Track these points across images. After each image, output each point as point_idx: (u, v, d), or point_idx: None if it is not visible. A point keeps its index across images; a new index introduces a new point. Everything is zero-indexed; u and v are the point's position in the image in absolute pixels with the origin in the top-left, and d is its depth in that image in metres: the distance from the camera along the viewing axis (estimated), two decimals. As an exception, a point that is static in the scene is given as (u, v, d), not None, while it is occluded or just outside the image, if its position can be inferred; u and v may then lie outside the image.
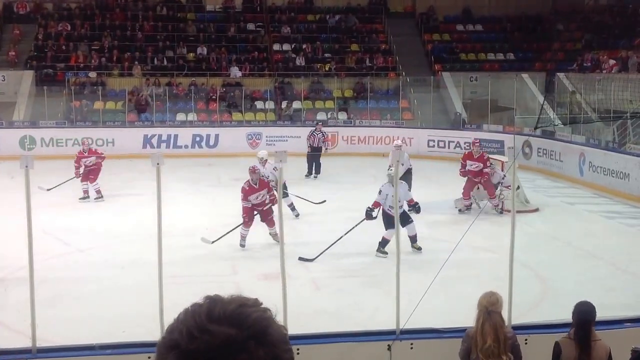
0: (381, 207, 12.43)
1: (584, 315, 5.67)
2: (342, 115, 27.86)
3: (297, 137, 25.74)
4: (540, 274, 11.26)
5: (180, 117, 27.44)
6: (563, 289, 10.47)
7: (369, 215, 12.45)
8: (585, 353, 5.52)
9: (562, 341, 5.69)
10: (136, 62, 28.96)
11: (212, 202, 16.56)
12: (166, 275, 6.95)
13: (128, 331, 8.26)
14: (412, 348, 6.86)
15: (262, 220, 12.97)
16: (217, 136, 25.85)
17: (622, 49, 25.41)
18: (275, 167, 13.29)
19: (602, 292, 9.70)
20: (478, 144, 16.14)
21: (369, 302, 9.95)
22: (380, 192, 12.48)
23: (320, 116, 27.92)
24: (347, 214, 13.76)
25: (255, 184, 12.88)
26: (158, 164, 6.60)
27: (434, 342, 6.95)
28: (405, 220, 12.18)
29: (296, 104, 28.09)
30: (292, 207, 14.87)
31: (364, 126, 26.77)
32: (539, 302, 9.93)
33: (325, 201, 15.75)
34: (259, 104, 28.23)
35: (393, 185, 11.73)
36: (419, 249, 12.42)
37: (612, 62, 24.28)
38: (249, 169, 13.18)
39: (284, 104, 28.05)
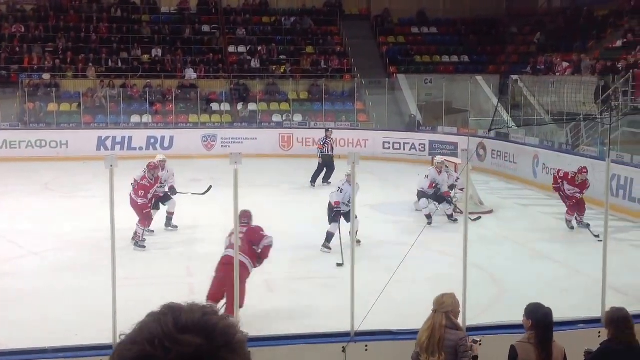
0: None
1: (546, 318, 5.64)
2: (298, 117, 27.82)
3: (253, 139, 25.70)
4: (494, 275, 11.32)
5: (135, 118, 27.14)
6: (517, 291, 10.52)
7: (337, 214, 12.77)
8: (547, 355, 5.51)
9: (518, 345, 5.65)
10: (90, 64, 28.53)
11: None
12: (119, 277, 6.83)
13: (80, 334, 8.12)
14: (366, 350, 6.81)
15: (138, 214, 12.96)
16: (172, 138, 25.59)
17: (575, 52, 25.82)
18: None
19: (556, 294, 9.78)
20: (586, 172, 14.42)
21: (324, 304, 9.88)
22: (341, 190, 12.85)
23: (276, 118, 27.88)
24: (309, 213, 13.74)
25: (152, 181, 13.03)
26: (112, 165, 6.49)
27: (389, 344, 6.91)
28: (349, 218, 12.42)
29: (252, 106, 27.97)
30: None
31: (319, 128, 26.72)
32: (493, 303, 9.97)
33: (211, 187, 15.41)
34: (214, 106, 28.06)
35: (351, 185, 12.37)
36: (359, 242, 12.49)
37: (565, 64, 24.64)
38: (150, 165, 13.30)
39: (239, 106, 27.91)
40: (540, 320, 5.60)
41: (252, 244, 9.14)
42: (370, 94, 28.48)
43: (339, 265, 11.66)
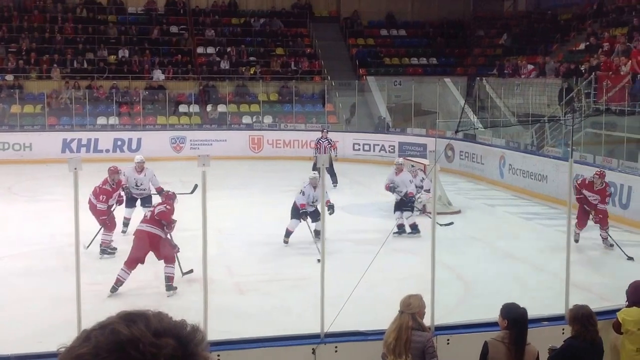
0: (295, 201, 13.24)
1: (521, 318, 5.72)
2: (268, 119, 27.81)
3: (222, 141, 25.64)
4: (462, 275, 11.45)
5: (101, 120, 26.89)
6: (484, 290, 10.68)
7: (304, 215, 13.13)
8: (519, 356, 5.60)
9: (490, 342, 5.72)
10: (55, 65, 28.19)
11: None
12: (84, 282, 6.76)
13: (44, 341, 8.01)
14: (336, 351, 6.85)
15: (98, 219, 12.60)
16: (139, 140, 25.40)
17: (539, 55, 26.19)
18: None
19: (522, 292, 9.93)
20: (604, 175, 13.42)
21: (294, 306, 9.92)
22: (303, 193, 13.21)
23: (246, 120, 27.85)
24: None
25: (114, 185, 12.64)
26: (75, 168, 6.41)
27: (359, 345, 6.97)
28: (316, 216, 13.07)
29: (221, 108, 27.89)
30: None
31: (289, 130, 26.78)
32: (461, 302, 10.10)
33: (197, 185, 15.32)
34: (182, 108, 27.91)
35: (313, 187, 13.09)
36: (318, 234, 12.93)
37: (530, 67, 24.98)
38: (110, 169, 12.86)
39: (209, 108, 27.82)
40: (515, 321, 5.67)
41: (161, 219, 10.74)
42: (340, 96, 28.59)
43: (319, 261, 11.78)
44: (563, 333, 6.52)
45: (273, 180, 20.38)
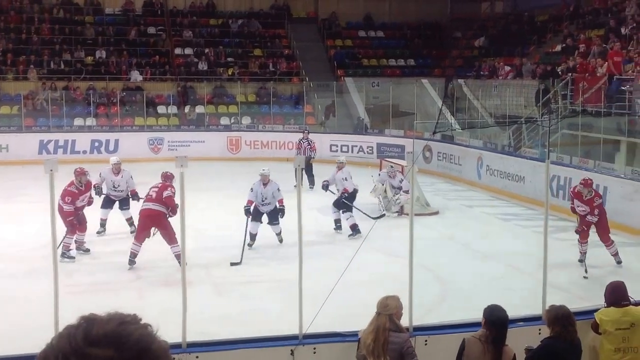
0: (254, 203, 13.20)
1: (502, 320, 5.76)
2: (246, 120, 27.75)
3: (200, 142, 25.56)
4: (440, 275, 11.50)
5: (78, 121, 26.71)
6: (462, 290, 10.74)
7: (247, 213, 13.05)
8: (496, 356, 5.63)
9: (468, 339, 5.76)
10: (32, 66, 27.97)
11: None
12: (63, 284, 6.70)
13: (21, 343, 7.92)
14: (315, 352, 6.84)
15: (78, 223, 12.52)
16: (117, 141, 25.27)
17: (517, 56, 26.38)
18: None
19: (500, 292, 9.97)
20: (590, 183, 12.36)
21: (272, 307, 9.91)
22: (251, 189, 13.27)
23: (224, 121, 27.77)
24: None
25: (82, 187, 12.49)
26: (52, 170, 6.34)
27: (337, 346, 6.96)
28: (273, 219, 13.15)
29: (199, 109, 27.80)
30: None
31: (267, 131, 26.73)
32: (439, 303, 10.13)
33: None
34: (160, 109, 27.77)
35: (262, 184, 13.07)
36: (281, 241, 13.23)
37: (507, 68, 25.15)
38: (77, 171, 12.65)
39: (186, 109, 27.71)
40: (493, 322, 5.72)
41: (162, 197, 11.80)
42: (319, 97, 28.61)
43: (233, 264, 11.95)
44: (540, 333, 6.56)
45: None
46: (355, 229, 14.10)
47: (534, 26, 28.95)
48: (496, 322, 5.69)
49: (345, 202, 14.45)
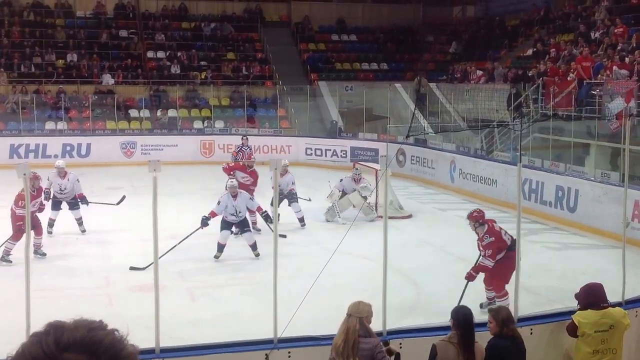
0: (220, 215, 12.98)
1: (468, 318, 5.86)
2: (219, 124, 27.66)
3: (173, 146, 25.43)
4: (414, 279, 11.54)
5: (50, 125, 26.43)
6: (436, 294, 10.78)
7: (203, 223, 12.81)
8: (470, 354, 5.70)
9: (439, 344, 5.83)
10: (2, 69, 27.64)
11: (84, 212, 16.00)
12: (34, 288, 6.61)
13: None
14: (289, 356, 6.83)
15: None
16: (89, 145, 25.05)
17: (488, 60, 26.60)
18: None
19: (474, 295, 10.03)
20: (475, 216, 10.57)
21: (247, 312, 9.88)
22: (219, 202, 12.97)
23: (197, 124, 27.65)
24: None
25: (34, 192, 12.36)
26: (25, 174, 6.29)
27: (312, 350, 6.95)
28: (242, 227, 13.00)
29: (172, 112, 27.66)
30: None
31: (240, 134, 26.59)
32: (413, 306, 10.17)
33: (124, 197, 15.32)
34: (133, 112, 27.58)
35: (232, 196, 12.81)
36: (257, 255, 12.86)
37: (479, 72, 25.34)
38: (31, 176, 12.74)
39: (159, 112, 27.56)
40: (460, 321, 5.82)
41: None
42: (292, 101, 28.60)
43: (133, 268, 11.76)
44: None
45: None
46: (302, 220, 15.42)
47: (505, 30, 29.22)
48: (461, 321, 5.80)
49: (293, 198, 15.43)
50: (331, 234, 14.12)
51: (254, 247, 12.87)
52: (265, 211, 13.32)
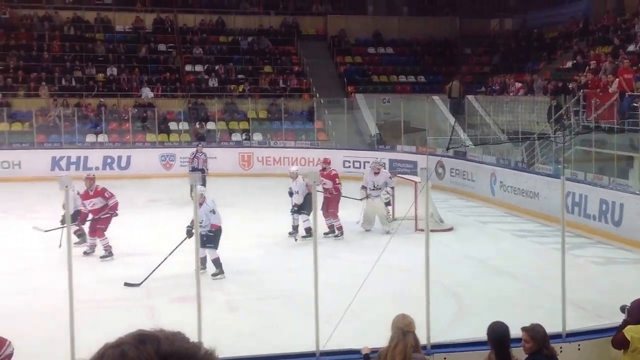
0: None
1: (500, 335, 5.72)
2: (257, 136, 27.77)
3: (212, 158, 25.52)
4: (456, 292, 11.38)
5: (90, 138, 26.79)
6: (478, 307, 10.61)
7: (189, 233, 11.98)
8: None
9: None
10: (43, 83, 28.11)
11: (124, 225, 16.09)
12: (77, 300, 6.64)
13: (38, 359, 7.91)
14: (332, 370, 6.76)
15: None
16: (129, 157, 25.32)
17: (527, 73, 26.33)
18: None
19: (516, 310, 9.86)
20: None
21: (287, 324, 9.82)
22: (214, 211, 12.43)
23: (235, 137, 27.80)
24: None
25: (91, 192, 13.40)
26: (67, 186, 6.32)
27: (354, 363, 6.86)
28: (204, 243, 11.67)
29: (210, 125, 27.85)
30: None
31: (279, 147, 26.73)
32: (455, 320, 10.02)
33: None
34: (172, 125, 27.84)
35: (199, 204, 11.54)
36: (220, 273, 12.20)
37: (518, 85, 25.09)
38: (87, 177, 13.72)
39: (197, 125, 27.77)
40: (495, 338, 5.68)
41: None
42: (329, 113, 28.59)
43: (127, 285, 11.67)
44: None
45: (263, 197, 20.29)
46: (309, 231, 14.65)
47: (543, 43, 28.92)
48: (494, 339, 5.67)
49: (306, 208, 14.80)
50: (370, 246, 14.02)
51: (216, 261, 12.18)
52: (213, 232, 12.29)
